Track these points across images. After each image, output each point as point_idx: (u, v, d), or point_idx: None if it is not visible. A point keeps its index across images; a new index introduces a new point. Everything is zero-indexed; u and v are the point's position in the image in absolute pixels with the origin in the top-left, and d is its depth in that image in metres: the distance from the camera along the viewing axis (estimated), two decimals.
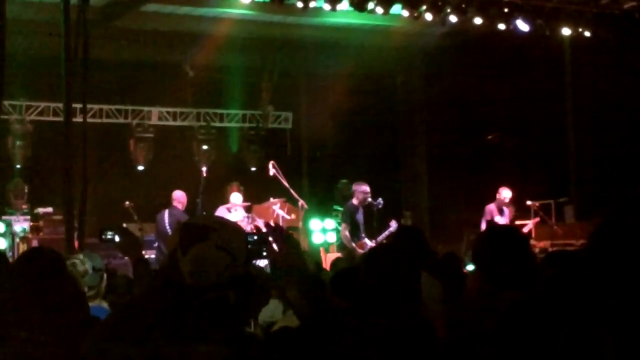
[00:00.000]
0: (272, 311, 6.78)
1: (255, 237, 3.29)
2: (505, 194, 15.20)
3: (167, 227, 14.35)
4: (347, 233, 13.76)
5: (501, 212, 15.12)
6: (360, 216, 13.84)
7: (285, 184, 15.75)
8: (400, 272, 3.75)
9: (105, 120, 18.84)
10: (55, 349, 3.37)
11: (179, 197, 14.87)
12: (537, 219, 15.97)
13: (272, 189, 16.45)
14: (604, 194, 16.05)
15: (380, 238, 13.60)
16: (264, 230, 3.33)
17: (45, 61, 14.78)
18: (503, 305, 3.97)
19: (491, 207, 15.19)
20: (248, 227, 14.19)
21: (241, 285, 2.75)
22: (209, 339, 2.65)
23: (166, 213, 14.65)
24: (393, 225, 13.82)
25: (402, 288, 3.69)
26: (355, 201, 13.89)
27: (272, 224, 3.50)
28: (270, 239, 3.24)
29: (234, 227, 2.87)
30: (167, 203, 14.88)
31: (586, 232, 14.38)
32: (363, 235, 13.76)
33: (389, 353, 3.44)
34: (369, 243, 13.43)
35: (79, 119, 13.21)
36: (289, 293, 3.16)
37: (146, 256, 14.37)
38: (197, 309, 2.70)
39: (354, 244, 13.47)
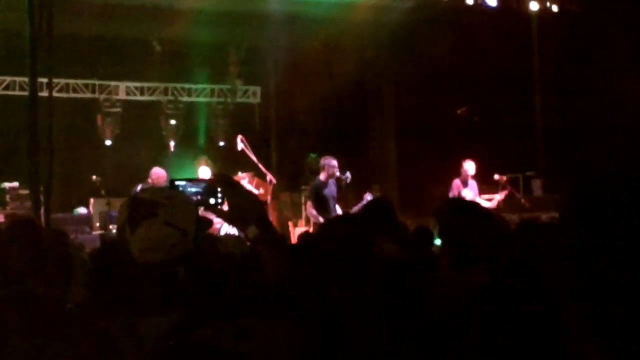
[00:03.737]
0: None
1: (207, 185, 3.23)
2: (468, 166, 15.26)
3: None
4: (312, 210, 13.75)
5: (466, 185, 15.20)
6: (329, 190, 13.80)
7: (254, 158, 15.73)
8: (356, 241, 3.75)
9: (72, 94, 18.74)
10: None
11: (154, 173, 14.68)
12: (506, 192, 16.03)
13: (240, 163, 16.43)
14: (571, 167, 16.15)
15: (354, 210, 13.62)
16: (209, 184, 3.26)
17: (11, 35, 14.65)
18: (470, 279, 4.01)
19: (457, 181, 15.26)
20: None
21: (191, 260, 2.73)
22: (158, 313, 2.64)
23: (138, 188, 14.59)
24: (367, 197, 13.84)
25: (356, 258, 3.70)
26: (322, 176, 13.84)
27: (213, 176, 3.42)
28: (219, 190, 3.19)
29: (183, 201, 2.83)
30: (143, 178, 14.84)
31: (554, 204, 14.45)
32: (335, 208, 13.74)
33: (349, 325, 3.46)
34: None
35: (45, 93, 13.10)
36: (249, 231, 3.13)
37: (114, 231, 14.44)
38: (146, 285, 2.68)
39: (321, 219, 13.44)
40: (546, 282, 3.53)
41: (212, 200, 3.16)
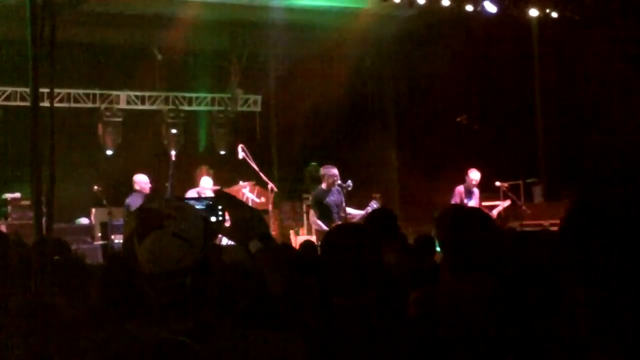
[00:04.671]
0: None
1: (209, 203, 3.27)
2: (474, 175, 15.24)
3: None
4: (315, 219, 13.77)
5: (469, 194, 15.18)
6: (332, 198, 13.79)
7: (255, 167, 15.74)
8: (359, 251, 3.75)
9: (73, 104, 18.72)
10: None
11: (139, 180, 14.94)
12: (509, 201, 15.97)
13: (241, 172, 16.44)
14: (572, 175, 16.16)
15: (358, 217, 13.63)
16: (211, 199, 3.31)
17: (12, 45, 14.69)
18: (471, 287, 4.01)
19: (460, 189, 15.23)
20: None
21: (198, 271, 2.74)
22: (165, 323, 2.65)
23: (128, 198, 14.75)
24: (373, 205, 13.84)
25: (360, 267, 3.69)
26: (324, 185, 13.87)
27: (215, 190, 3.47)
28: (220, 206, 3.23)
29: (190, 212, 2.84)
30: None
31: (555, 212, 14.44)
32: (339, 216, 13.71)
33: (352, 334, 3.46)
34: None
35: (46, 103, 13.09)
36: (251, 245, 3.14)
37: (116, 241, 14.45)
38: (153, 295, 2.69)
39: (325, 227, 13.43)
40: (549, 289, 3.53)
41: (213, 217, 3.19)
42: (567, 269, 1.50)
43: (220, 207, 3.16)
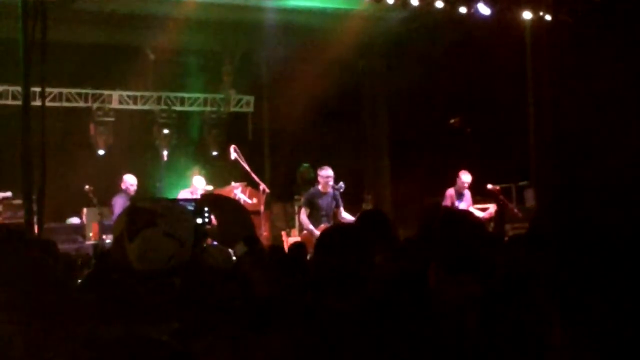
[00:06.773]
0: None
1: (195, 204, 3.27)
2: (465, 178, 15.25)
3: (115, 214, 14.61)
4: (303, 217, 13.79)
5: (460, 197, 15.19)
6: (324, 200, 13.82)
7: (247, 167, 15.73)
8: (352, 253, 3.74)
9: (65, 104, 18.69)
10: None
11: (127, 180, 15.12)
12: (494, 205, 15.96)
13: (233, 173, 16.45)
14: (564, 178, 16.17)
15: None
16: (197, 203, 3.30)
17: (3, 44, 14.64)
18: (461, 291, 4.00)
19: (451, 191, 15.25)
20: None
21: (187, 270, 2.74)
22: (153, 321, 2.64)
23: (114, 198, 14.92)
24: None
25: (351, 268, 3.69)
26: (320, 186, 13.92)
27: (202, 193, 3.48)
28: (206, 208, 3.23)
29: (181, 212, 2.84)
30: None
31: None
32: (327, 220, 13.73)
33: (342, 336, 3.45)
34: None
35: (38, 102, 13.07)
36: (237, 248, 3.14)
37: (107, 240, 14.45)
38: (143, 293, 2.69)
39: (311, 227, 13.44)
40: (534, 292, 3.53)
41: (199, 220, 3.19)
42: (535, 272, 1.51)
43: (206, 209, 3.15)
